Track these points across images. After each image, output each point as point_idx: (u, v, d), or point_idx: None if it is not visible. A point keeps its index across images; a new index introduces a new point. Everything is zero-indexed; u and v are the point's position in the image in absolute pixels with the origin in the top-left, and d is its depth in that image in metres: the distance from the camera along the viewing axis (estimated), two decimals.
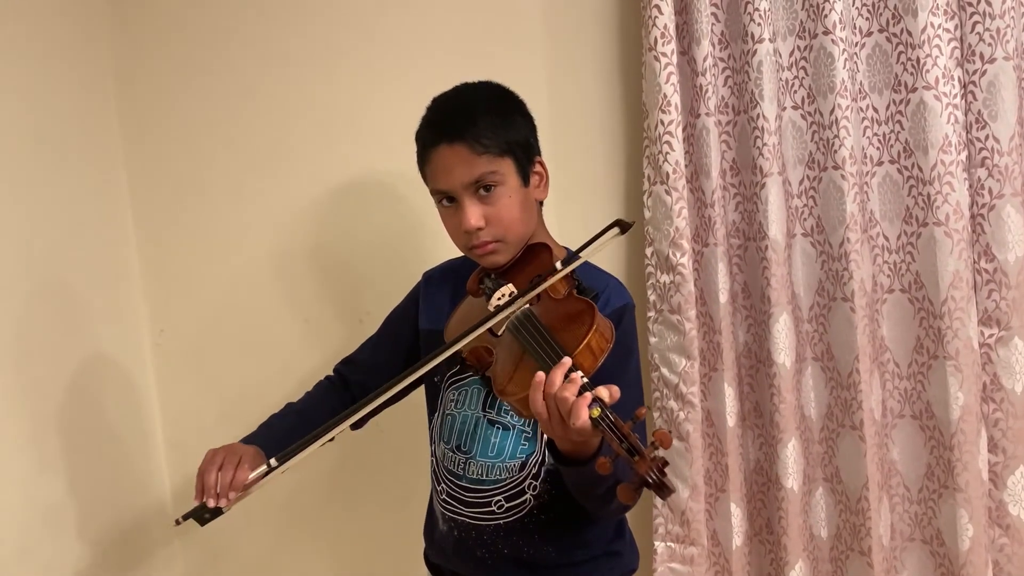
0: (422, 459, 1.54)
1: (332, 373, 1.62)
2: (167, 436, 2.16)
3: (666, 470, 1.07)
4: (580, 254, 1.27)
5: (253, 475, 1.34)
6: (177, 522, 1.33)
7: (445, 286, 1.53)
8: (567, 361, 1.15)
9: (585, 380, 1.13)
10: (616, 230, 1.27)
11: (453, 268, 1.55)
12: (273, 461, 1.33)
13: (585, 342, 1.18)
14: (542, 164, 1.43)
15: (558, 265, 1.28)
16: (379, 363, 1.55)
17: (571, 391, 1.12)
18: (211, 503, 1.33)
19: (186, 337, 2.13)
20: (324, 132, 2.01)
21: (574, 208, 1.89)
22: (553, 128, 1.86)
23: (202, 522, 1.33)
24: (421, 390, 1.52)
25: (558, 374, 1.14)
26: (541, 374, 1.15)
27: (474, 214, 1.34)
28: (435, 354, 1.27)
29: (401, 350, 1.53)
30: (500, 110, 1.38)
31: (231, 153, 2.05)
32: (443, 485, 1.47)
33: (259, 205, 2.05)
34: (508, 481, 1.40)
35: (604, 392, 1.12)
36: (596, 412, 1.09)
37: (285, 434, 1.42)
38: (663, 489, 1.06)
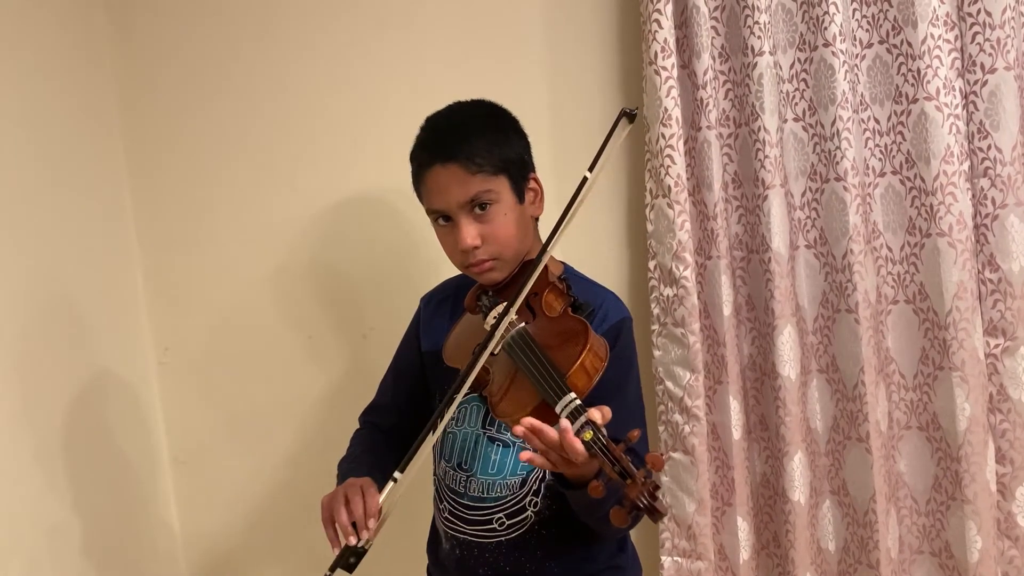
0: (425, 477, 1.54)
1: (360, 425, 1.62)
2: (172, 453, 2.17)
3: (657, 493, 1.05)
4: (601, 156, 1.27)
5: (383, 496, 1.26)
6: None
7: (444, 306, 1.53)
8: (565, 423, 1.12)
9: (578, 402, 1.12)
10: (625, 120, 1.26)
11: (451, 287, 1.56)
12: (396, 474, 1.23)
13: (579, 362, 1.18)
14: (537, 180, 1.44)
15: (552, 269, 1.27)
16: (401, 399, 1.56)
17: (555, 433, 1.11)
18: (353, 541, 1.24)
19: (190, 355, 2.13)
20: (326, 150, 2.02)
21: (576, 222, 1.87)
22: (554, 142, 1.87)
23: (349, 568, 1.24)
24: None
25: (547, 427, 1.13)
26: (530, 423, 1.13)
27: (470, 233, 1.34)
28: (457, 385, 1.24)
29: (418, 382, 1.54)
30: (494, 128, 1.38)
31: (234, 172, 2.06)
32: (445, 503, 1.46)
33: (262, 223, 2.06)
34: (509, 498, 1.40)
35: (596, 414, 1.11)
36: (588, 435, 1.08)
37: (368, 470, 1.38)
38: (654, 513, 1.05)
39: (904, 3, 1.65)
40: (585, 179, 1.25)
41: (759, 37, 1.71)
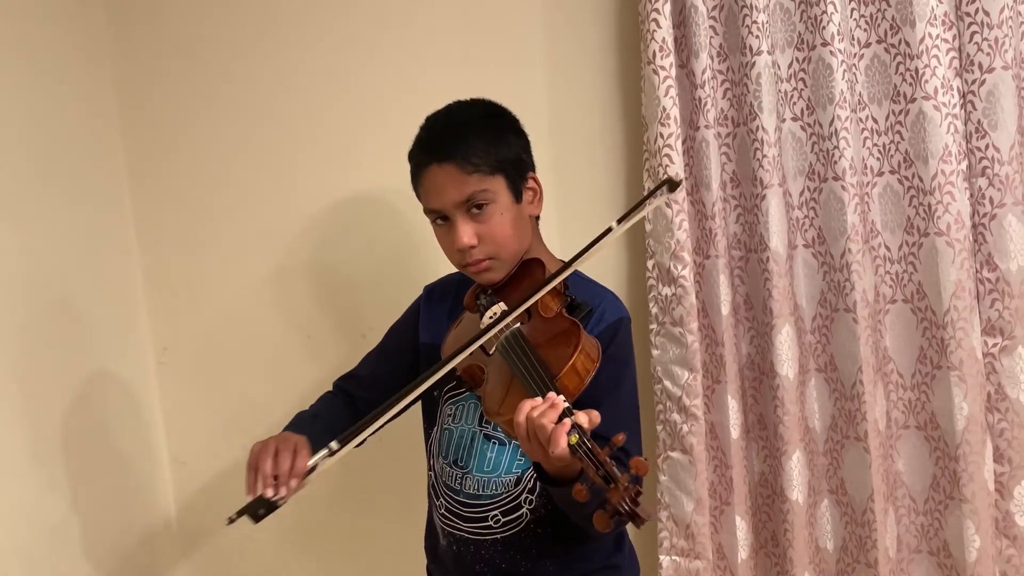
0: (422, 473, 1.54)
1: (332, 389, 1.61)
2: (172, 453, 2.17)
3: (640, 499, 1.05)
4: (629, 216, 1.25)
5: (313, 460, 1.22)
6: (230, 520, 1.20)
7: (445, 300, 1.53)
8: (552, 395, 1.13)
9: (567, 405, 1.12)
10: (666, 188, 1.27)
11: (453, 282, 1.55)
12: (334, 444, 1.19)
13: (570, 363, 1.18)
14: (535, 180, 1.43)
15: (551, 269, 1.27)
16: (382, 376, 1.54)
17: (550, 418, 1.10)
18: (269, 493, 1.22)
19: (190, 354, 2.13)
20: (326, 150, 2.02)
21: (575, 222, 1.89)
22: (553, 142, 1.88)
23: (256, 518, 1.20)
24: (418, 405, 1.52)
25: (539, 401, 1.13)
26: (525, 403, 1.13)
27: (466, 232, 1.34)
28: (432, 371, 1.24)
29: (403, 363, 1.53)
30: (490, 128, 1.38)
31: (234, 172, 2.06)
32: (441, 500, 1.47)
33: (262, 223, 2.06)
34: (504, 496, 1.40)
35: (583, 419, 1.11)
36: (574, 439, 1.08)
37: (313, 430, 1.34)
38: (636, 519, 1.04)
39: (902, 3, 1.65)
40: (610, 228, 1.24)
41: (757, 36, 1.71)
